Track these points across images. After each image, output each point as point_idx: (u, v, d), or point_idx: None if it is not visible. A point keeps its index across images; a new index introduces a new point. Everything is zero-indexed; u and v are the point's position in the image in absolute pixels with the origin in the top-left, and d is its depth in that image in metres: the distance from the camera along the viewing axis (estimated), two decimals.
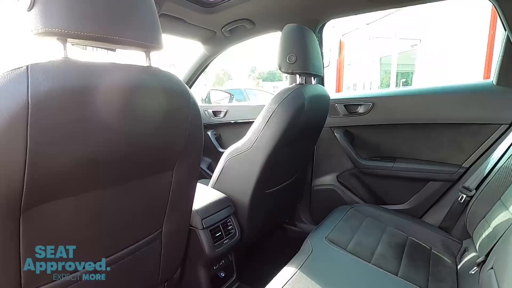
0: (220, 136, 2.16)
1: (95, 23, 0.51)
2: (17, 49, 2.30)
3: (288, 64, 1.12)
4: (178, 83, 0.68)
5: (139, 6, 0.58)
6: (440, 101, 1.36)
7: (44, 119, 0.45)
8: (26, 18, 0.49)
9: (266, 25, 1.62)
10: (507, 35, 1.17)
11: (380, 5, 1.38)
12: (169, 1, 1.29)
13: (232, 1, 1.43)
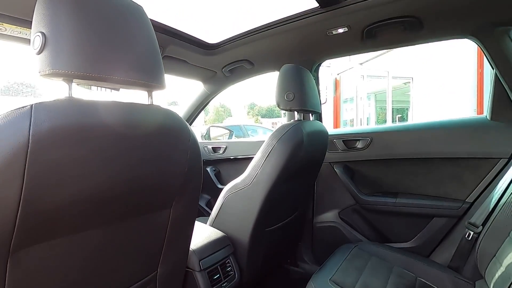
0: (219, 172, 2.15)
1: (101, 64, 0.53)
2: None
3: (286, 101, 1.15)
4: (178, 120, 0.69)
5: (144, 49, 0.61)
6: (437, 135, 1.37)
7: (43, 158, 0.45)
8: (34, 61, 0.51)
9: (264, 66, 1.70)
10: (495, 73, 1.22)
11: (372, 47, 1.46)
12: (173, 44, 1.37)
13: (232, 44, 1.51)
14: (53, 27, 0.50)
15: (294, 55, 1.56)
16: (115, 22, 0.55)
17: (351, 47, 1.47)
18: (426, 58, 5.27)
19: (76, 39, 0.50)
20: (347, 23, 1.24)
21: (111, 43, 0.54)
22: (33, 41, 0.51)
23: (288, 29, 1.34)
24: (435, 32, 1.27)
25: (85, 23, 0.51)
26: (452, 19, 1.16)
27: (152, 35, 0.63)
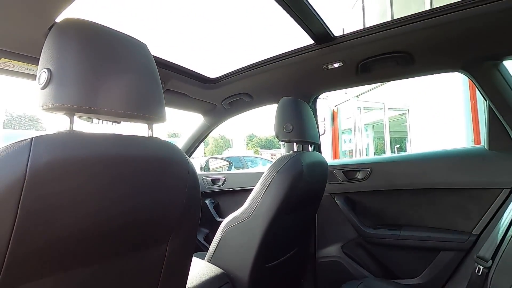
0: (218, 205, 2.11)
1: (102, 98, 0.54)
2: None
3: (285, 133, 1.16)
4: (177, 152, 0.69)
5: (146, 84, 0.62)
6: (437, 166, 1.37)
7: (39, 192, 0.45)
8: (38, 95, 0.52)
9: (263, 99, 1.75)
10: (488, 104, 1.25)
11: (366, 81, 1.51)
12: (174, 78, 1.41)
13: (232, 78, 1.56)
14: (59, 63, 0.52)
15: (292, 88, 1.61)
16: (119, 59, 0.58)
17: (347, 81, 1.52)
18: (421, 89, 5.43)
19: (80, 75, 0.52)
20: (342, 59, 1.30)
21: (114, 78, 0.56)
22: (39, 76, 0.53)
23: (285, 64, 1.39)
24: (426, 67, 1.32)
25: (90, 60, 0.53)
26: (442, 54, 1.21)
27: (155, 71, 0.65)
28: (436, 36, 1.11)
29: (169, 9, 22.49)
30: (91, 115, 0.57)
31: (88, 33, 0.55)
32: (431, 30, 1.07)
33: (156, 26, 19.74)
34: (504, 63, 1.19)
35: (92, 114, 0.57)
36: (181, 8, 22.85)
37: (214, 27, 21.27)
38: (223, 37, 22.03)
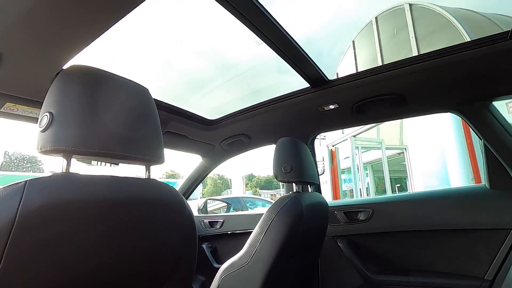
0: (216, 249, 2.01)
1: (101, 141, 0.55)
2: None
3: (284, 173, 1.16)
4: (174, 194, 0.67)
5: (145, 126, 0.63)
6: (439, 205, 1.34)
7: (27, 237, 0.43)
8: (37, 138, 0.53)
9: (261, 139, 1.77)
10: (484, 143, 1.27)
11: (362, 121, 1.54)
12: (174, 121, 1.44)
13: (230, 120, 1.60)
14: (61, 107, 0.53)
15: (290, 129, 1.64)
16: (120, 103, 0.59)
17: (343, 122, 1.55)
18: (417, 128, 5.53)
19: (80, 118, 0.53)
20: (337, 101, 1.34)
21: (114, 121, 0.57)
22: (40, 119, 0.54)
23: (283, 106, 1.44)
24: (419, 108, 1.36)
25: (91, 104, 0.55)
26: (433, 96, 1.26)
27: (155, 114, 0.67)
28: (426, 79, 1.16)
29: (172, 54, 24.25)
30: (88, 157, 0.57)
31: (92, 79, 0.57)
32: (422, 74, 1.13)
33: (158, 70, 21.18)
34: (497, 103, 1.23)
35: (89, 156, 0.57)
36: (184, 54, 24.70)
37: (214, 71, 22.64)
38: (222, 81, 23.64)
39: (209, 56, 2.51)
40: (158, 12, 0.73)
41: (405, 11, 4.82)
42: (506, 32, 0.95)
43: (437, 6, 4.43)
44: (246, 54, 1.73)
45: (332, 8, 11.47)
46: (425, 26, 4.57)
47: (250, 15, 0.87)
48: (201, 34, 2.46)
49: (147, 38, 2.16)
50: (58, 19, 0.66)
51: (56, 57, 0.78)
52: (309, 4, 11.67)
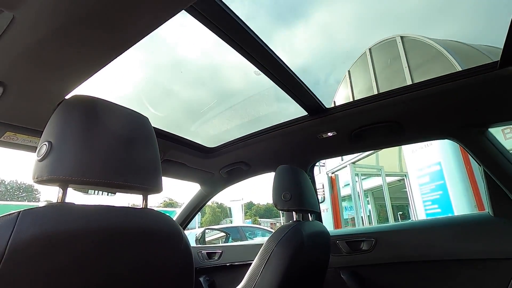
0: (214, 283, 1.92)
1: (99, 170, 0.54)
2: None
3: (284, 201, 1.14)
4: (171, 225, 0.66)
5: (144, 155, 0.63)
6: (444, 234, 1.31)
7: (17, 271, 0.41)
8: (34, 167, 0.52)
9: (260, 167, 1.76)
10: (484, 170, 1.27)
11: (360, 148, 1.55)
12: (173, 149, 1.45)
13: (229, 148, 1.61)
14: (60, 136, 0.53)
15: (289, 156, 1.64)
16: (120, 132, 0.60)
17: (341, 149, 1.56)
18: (416, 153, 5.54)
19: (79, 148, 0.53)
20: (335, 128, 1.36)
21: (113, 151, 0.57)
22: (39, 148, 0.54)
23: (281, 133, 1.45)
24: (416, 135, 1.38)
25: (91, 134, 0.55)
26: (430, 123, 1.28)
27: (154, 143, 0.67)
28: (422, 107, 1.18)
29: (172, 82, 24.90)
30: (85, 186, 0.57)
31: (93, 109, 0.58)
32: (417, 101, 1.15)
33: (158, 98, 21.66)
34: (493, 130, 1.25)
35: (87, 186, 0.56)
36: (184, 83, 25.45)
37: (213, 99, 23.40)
38: (221, 109, 24.08)
39: (208, 84, 2.57)
40: (159, 41, 0.77)
41: (397, 43, 5.04)
42: (495, 62, 0.98)
43: (427, 38, 4.64)
44: (245, 83, 1.78)
45: (326, 40, 12.17)
46: (417, 56, 4.75)
47: (249, 46, 0.91)
48: (201, 63, 2.54)
49: (148, 66, 2.23)
50: (63, 52, 0.68)
51: (59, 88, 0.79)
52: (304, 35, 12.36)
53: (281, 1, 20.49)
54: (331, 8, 23.35)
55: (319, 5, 25.55)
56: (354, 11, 19.48)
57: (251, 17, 4.61)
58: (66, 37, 0.63)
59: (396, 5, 14.21)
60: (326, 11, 22.98)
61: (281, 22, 21.40)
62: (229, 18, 0.78)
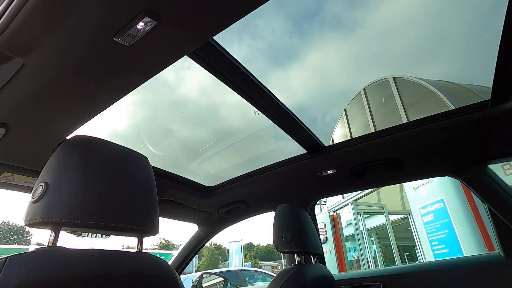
0: None
1: (94, 213, 0.53)
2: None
3: (285, 243, 1.09)
4: (166, 269, 0.62)
5: (141, 196, 0.62)
6: (455, 277, 1.24)
7: None
8: (27, 209, 0.51)
9: (260, 206, 1.72)
10: (488, 207, 1.24)
11: (360, 186, 1.54)
12: (171, 188, 1.42)
13: (229, 187, 1.58)
14: (58, 177, 0.53)
15: (289, 195, 1.61)
16: (118, 173, 0.59)
17: (342, 187, 1.54)
18: (419, 188, 5.46)
19: (75, 189, 0.52)
20: (334, 166, 1.35)
21: (110, 192, 0.56)
22: (35, 189, 0.53)
23: (281, 172, 1.44)
24: (416, 172, 1.37)
25: (89, 175, 0.55)
26: (429, 160, 1.28)
27: (152, 183, 0.66)
28: (420, 144, 1.19)
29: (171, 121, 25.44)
30: (79, 229, 0.55)
31: (93, 149, 0.58)
32: (415, 138, 1.17)
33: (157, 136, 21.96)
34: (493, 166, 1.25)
35: (80, 228, 0.54)
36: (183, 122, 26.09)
37: (212, 138, 23.64)
38: (220, 148, 24.21)
39: (207, 123, 2.62)
40: (159, 82, 0.80)
41: (390, 83, 5.26)
42: (486, 100, 1.02)
43: (418, 79, 4.85)
44: (243, 122, 1.81)
45: (321, 80, 12.79)
46: (410, 96, 4.92)
47: (248, 88, 0.94)
48: (200, 103, 2.62)
49: (148, 106, 2.29)
50: (67, 95, 0.70)
51: (60, 129, 0.81)
52: (299, 76, 13.05)
53: (276, 45, 22.00)
54: (323, 51, 24.90)
55: (312, 48, 27.27)
56: (346, 53, 20.71)
57: (248, 60, 4.97)
58: (71, 81, 0.65)
59: (386, 48, 15.19)
60: (319, 53, 24.51)
61: (277, 64, 22.68)
62: (228, 62, 0.82)
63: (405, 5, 4.99)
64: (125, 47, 0.58)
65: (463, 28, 4.22)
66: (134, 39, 0.56)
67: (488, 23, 3.95)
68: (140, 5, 0.50)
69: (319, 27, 8.37)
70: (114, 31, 0.54)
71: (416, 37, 4.66)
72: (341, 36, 6.49)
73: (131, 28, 0.53)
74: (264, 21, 4.63)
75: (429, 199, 5.16)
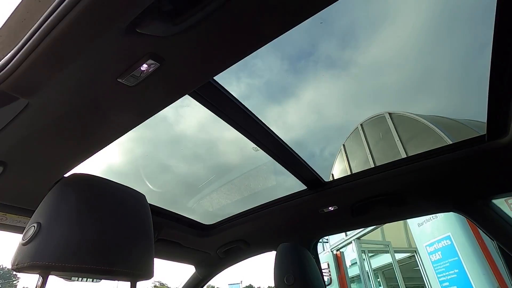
0: None
1: (84, 255, 0.50)
2: None
3: (287, 286, 1.03)
4: None
5: (137, 236, 0.60)
6: None
7: None
8: (15, 252, 0.48)
9: (261, 245, 1.66)
10: (497, 244, 1.19)
11: (362, 223, 1.49)
12: (168, 227, 1.38)
13: (227, 225, 1.53)
14: (51, 217, 0.51)
15: (290, 233, 1.56)
16: (115, 212, 0.58)
17: (344, 224, 1.50)
18: (424, 225, 5.30)
19: (68, 231, 0.50)
20: (335, 202, 1.33)
21: (104, 233, 0.54)
22: (26, 230, 0.51)
23: (282, 208, 1.41)
24: (419, 208, 1.34)
25: (84, 216, 0.53)
26: (431, 195, 1.26)
27: (149, 223, 0.65)
28: (421, 179, 1.18)
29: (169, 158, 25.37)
30: (69, 273, 0.52)
31: (90, 188, 0.57)
32: (416, 173, 1.16)
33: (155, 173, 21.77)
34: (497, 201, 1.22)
35: (70, 273, 0.51)
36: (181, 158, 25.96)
37: (210, 174, 23.40)
38: (218, 184, 23.87)
39: (205, 160, 2.62)
40: (158, 119, 0.82)
41: (386, 119, 5.38)
42: (483, 135, 1.03)
43: (414, 115, 4.97)
44: (242, 158, 1.82)
45: (317, 115, 13.22)
46: (407, 131, 5.00)
47: (247, 125, 0.95)
48: (198, 139, 2.64)
49: (146, 142, 2.31)
50: (68, 134, 0.70)
51: (59, 167, 0.80)
52: (295, 112, 13.53)
53: (272, 83, 23.40)
54: (318, 88, 26.21)
55: (307, 85, 28.91)
56: (340, 90, 21.84)
57: (246, 97, 5.18)
58: (73, 120, 0.66)
59: (379, 84, 16.00)
60: (314, 90, 25.73)
61: (273, 101, 23.72)
62: (227, 99, 0.84)
63: (394, 45, 5.33)
64: (128, 87, 0.60)
65: (453, 66, 4.42)
66: (137, 80, 0.58)
67: (477, 61, 4.16)
68: (145, 48, 0.52)
69: (313, 65, 8.89)
70: (118, 72, 0.56)
71: (408, 75, 4.89)
72: (335, 73, 6.83)
73: (135, 70, 0.55)
74: (261, 61, 4.92)
75: (435, 236, 5.00)
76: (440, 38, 4.27)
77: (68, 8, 0.43)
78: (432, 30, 4.41)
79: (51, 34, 0.46)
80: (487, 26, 0.72)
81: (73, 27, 0.45)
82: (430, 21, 4.33)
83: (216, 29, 0.53)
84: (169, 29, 0.49)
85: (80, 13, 0.44)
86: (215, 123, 0.99)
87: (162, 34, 0.50)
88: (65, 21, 0.44)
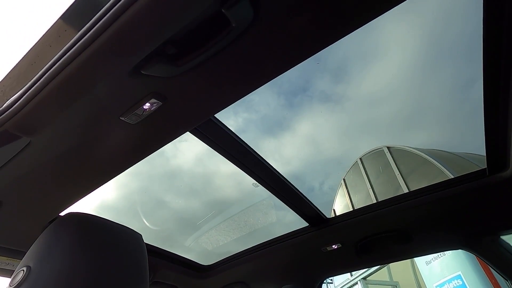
0: None
1: None
2: None
3: None
4: None
5: (131, 279, 0.57)
6: None
7: None
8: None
9: (262, 287, 1.56)
10: (510, 283, 1.13)
11: (367, 262, 1.43)
12: (164, 268, 1.31)
13: (227, 265, 1.46)
14: (42, 261, 0.49)
15: (293, 274, 1.48)
16: (109, 253, 0.55)
17: (348, 263, 1.43)
18: (432, 263, 5.05)
19: (59, 275, 0.48)
20: (339, 240, 1.28)
21: (96, 277, 0.51)
22: (14, 275, 0.48)
23: (283, 247, 1.35)
24: (427, 245, 1.29)
25: (77, 257, 0.51)
26: (438, 232, 1.22)
27: (144, 264, 0.61)
28: (427, 214, 1.15)
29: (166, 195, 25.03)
30: None
31: (84, 228, 0.55)
32: (421, 209, 1.13)
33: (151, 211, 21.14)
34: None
35: None
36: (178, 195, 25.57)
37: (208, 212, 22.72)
38: (217, 222, 23.12)
39: (203, 196, 2.59)
40: (154, 154, 0.82)
41: (385, 153, 5.40)
42: (483, 169, 1.02)
43: (412, 148, 5.00)
44: (241, 194, 1.79)
45: (313, 149, 13.24)
46: (406, 164, 4.99)
47: (246, 161, 0.95)
48: (195, 173, 2.63)
49: (142, 178, 2.29)
50: (65, 173, 0.69)
51: (54, 206, 0.78)
52: (292, 145, 13.64)
53: (268, 117, 24.23)
54: (313, 122, 27.02)
55: (302, 118, 29.93)
56: (336, 123, 22.41)
57: (242, 131, 5.29)
58: (73, 158, 0.66)
59: (374, 117, 16.46)
60: (309, 124, 26.52)
61: (269, 134, 24.33)
62: (225, 134, 0.85)
63: (385, 79, 5.56)
64: (130, 125, 0.60)
65: (443, 100, 4.54)
66: (139, 118, 0.59)
67: (466, 95, 4.28)
68: (149, 88, 0.54)
69: (308, 100, 9.25)
70: (122, 111, 0.57)
71: (401, 108, 5.02)
72: (330, 107, 7.15)
73: (137, 108, 0.56)
74: (259, 97, 5.14)
75: (445, 275, 4.74)
76: (428, 74, 4.44)
77: (78, 52, 0.45)
78: (419, 66, 4.61)
79: (59, 76, 0.48)
80: (473, 62, 0.75)
81: (81, 70, 0.47)
82: (417, 57, 4.54)
83: (218, 70, 0.55)
84: (172, 70, 0.51)
85: (89, 57, 0.46)
86: (212, 157, 0.99)
87: (166, 75, 0.52)
88: (73, 64, 0.46)
